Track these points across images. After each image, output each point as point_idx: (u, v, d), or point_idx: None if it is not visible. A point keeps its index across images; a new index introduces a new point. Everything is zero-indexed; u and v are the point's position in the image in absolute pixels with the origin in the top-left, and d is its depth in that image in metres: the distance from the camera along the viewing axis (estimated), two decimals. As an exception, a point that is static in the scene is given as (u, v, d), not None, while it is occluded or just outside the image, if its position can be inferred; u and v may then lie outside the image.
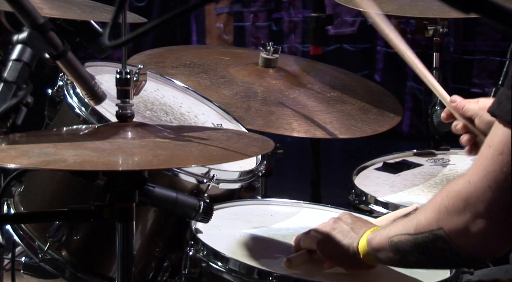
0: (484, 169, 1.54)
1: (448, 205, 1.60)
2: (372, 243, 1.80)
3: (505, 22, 0.98)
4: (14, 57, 1.70)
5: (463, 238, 1.60)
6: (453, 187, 1.61)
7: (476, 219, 1.56)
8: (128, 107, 1.78)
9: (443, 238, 1.62)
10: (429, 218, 1.65)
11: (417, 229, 1.67)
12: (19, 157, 1.56)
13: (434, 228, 1.63)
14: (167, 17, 1.20)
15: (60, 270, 2.13)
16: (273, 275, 1.81)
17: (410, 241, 1.69)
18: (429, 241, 1.65)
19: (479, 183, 1.55)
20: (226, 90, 2.74)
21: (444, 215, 1.61)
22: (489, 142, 1.55)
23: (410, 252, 1.71)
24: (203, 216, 1.95)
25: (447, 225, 1.61)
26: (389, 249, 1.75)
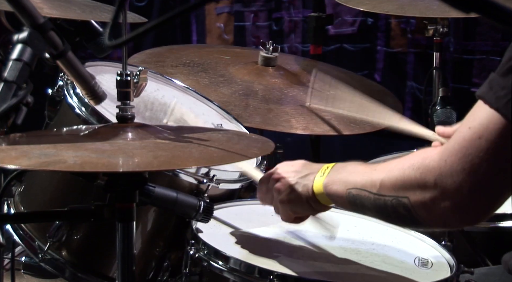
0: (460, 150, 1.55)
1: (418, 177, 1.61)
2: (328, 189, 1.82)
3: (505, 21, 0.98)
4: (14, 56, 1.70)
5: (426, 211, 1.62)
6: (427, 162, 1.60)
7: (444, 197, 1.58)
8: (128, 109, 1.78)
9: (406, 206, 1.64)
10: (395, 184, 1.66)
11: (380, 190, 1.68)
12: (19, 158, 1.56)
13: (399, 195, 1.65)
14: (167, 16, 1.20)
15: (60, 270, 2.13)
16: (274, 274, 1.82)
17: (370, 199, 1.71)
18: (391, 205, 1.67)
19: (454, 164, 1.55)
20: (224, 89, 2.74)
21: (412, 186, 1.62)
22: (469, 123, 1.55)
23: (368, 209, 1.73)
24: (203, 216, 1.95)
25: (413, 196, 1.62)
26: (345, 200, 1.77)
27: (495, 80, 1.54)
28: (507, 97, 1.49)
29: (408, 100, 4.87)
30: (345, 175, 1.80)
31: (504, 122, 1.50)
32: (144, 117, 2.35)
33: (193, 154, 1.68)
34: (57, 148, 1.64)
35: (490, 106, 1.52)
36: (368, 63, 4.90)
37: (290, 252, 1.99)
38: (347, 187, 1.76)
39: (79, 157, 1.58)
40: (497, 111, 1.51)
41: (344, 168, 1.83)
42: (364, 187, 1.72)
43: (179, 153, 1.67)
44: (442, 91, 3.14)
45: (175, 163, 1.68)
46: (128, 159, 1.61)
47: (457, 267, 1.95)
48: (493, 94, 1.52)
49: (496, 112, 1.51)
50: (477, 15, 1.00)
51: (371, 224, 2.22)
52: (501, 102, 1.50)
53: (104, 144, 1.67)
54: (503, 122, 1.50)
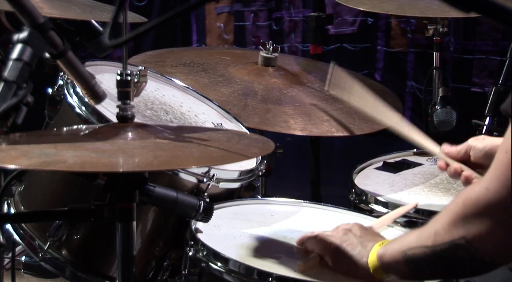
0: (502, 175, 1.52)
1: (467, 213, 1.57)
2: (383, 258, 1.76)
3: (505, 21, 0.98)
4: (15, 56, 1.70)
5: (486, 244, 1.58)
6: (469, 195, 1.58)
7: (499, 225, 1.54)
8: (128, 109, 1.78)
9: (465, 247, 1.59)
10: (447, 228, 1.61)
11: (435, 241, 1.63)
12: (19, 158, 1.56)
13: (455, 238, 1.60)
14: (167, 16, 1.20)
15: (60, 269, 2.13)
16: (273, 276, 1.81)
17: (427, 253, 1.65)
18: (450, 251, 1.62)
19: (499, 190, 1.52)
20: (224, 88, 2.74)
21: (465, 224, 1.58)
22: (506, 148, 1.52)
23: (427, 265, 1.67)
24: (203, 215, 1.95)
25: (469, 233, 1.58)
26: (403, 263, 1.71)
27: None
28: None
29: (408, 99, 4.87)
30: (399, 241, 1.75)
31: None
32: (145, 116, 2.35)
33: (193, 154, 1.68)
34: (57, 148, 1.64)
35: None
36: (368, 63, 4.91)
37: (289, 253, 1.99)
38: (402, 249, 1.71)
39: (79, 157, 1.58)
40: None
41: (399, 237, 1.80)
42: (419, 244, 1.67)
43: (179, 153, 1.67)
44: (442, 90, 3.14)
45: (175, 163, 1.68)
46: (128, 159, 1.61)
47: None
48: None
49: None
50: (477, 15, 1.00)
51: (371, 223, 2.22)
52: None
53: (104, 144, 1.67)
54: None
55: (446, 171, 2.11)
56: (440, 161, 2.10)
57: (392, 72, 4.90)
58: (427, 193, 2.42)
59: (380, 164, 2.64)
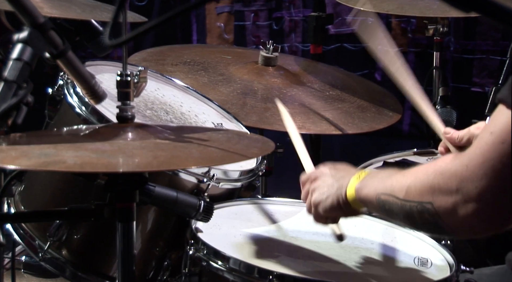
0: (483, 155, 1.54)
1: (441, 183, 1.61)
2: (360, 193, 1.82)
3: (505, 21, 0.98)
4: (15, 56, 1.70)
5: (450, 217, 1.61)
6: (449, 167, 1.60)
7: (467, 202, 1.57)
8: (128, 109, 1.78)
9: (431, 212, 1.64)
10: (420, 190, 1.66)
11: (406, 196, 1.68)
12: (19, 158, 1.56)
13: (424, 201, 1.64)
14: (167, 16, 1.20)
15: (60, 269, 2.13)
16: (273, 274, 1.82)
17: (398, 204, 1.71)
18: (416, 211, 1.67)
19: (477, 170, 1.54)
20: (223, 87, 2.74)
21: (436, 192, 1.62)
22: (491, 128, 1.54)
23: (396, 214, 1.73)
24: (203, 215, 1.95)
25: (437, 202, 1.62)
26: (375, 204, 1.77)
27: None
28: None
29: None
30: (377, 180, 1.80)
31: None
32: (145, 116, 2.35)
33: (193, 154, 1.68)
34: (57, 148, 1.64)
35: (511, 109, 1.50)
36: (369, 63, 4.90)
37: (289, 252, 1.99)
38: (377, 192, 1.76)
39: (79, 157, 1.58)
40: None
41: (378, 174, 1.84)
42: (392, 193, 1.72)
43: (179, 153, 1.67)
44: (442, 90, 3.14)
45: (175, 163, 1.68)
46: (128, 159, 1.61)
47: (456, 266, 1.95)
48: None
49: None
50: (477, 15, 1.00)
51: (371, 223, 2.22)
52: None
53: (104, 144, 1.67)
54: None
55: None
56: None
57: (392, 72, 4.89)
58: (427, 193, 2.41)
59: (380, 164, 2.64)
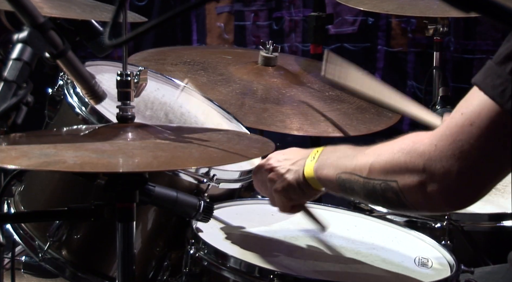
0: (451, 135, 1.56)
1: (408, 162, 1.62)
2: (319, 173, 1.83)
3: (505, 21, 0.98)
4: (15, 56, 1.70)
5: (414, 195, 1.63)
6: (417, 146, 1.61)
7: (431, 181, 1.59)
8: (128, 109, 1.78)
9: (395, 190, 1.65)
10: (385, 168, 1.67)
11: (369, 174, 1.70)
12: (19, 158, 1.56)
13: (388, 179, 1.66)
14: (167, 16, 1.20)
15: (60, 269, 2.13)
16: (274, 273, 1.82)
17: (360, 183, 1.72)
18: (380, 189, 1.68)
19: (444, 149, 1.56)
20: (222, 87, 2.74)
21: (401, 170, 1.63)
22: (462, 109, 1.56)
23: (357, 193, 1.74)
24: (203, 215, 1.95)
25: (402, 180, 1.63)
26: (336, 184, 1.78)
27: (491, 68, 1.55)
28: (502, 86, 1.50)
29: (409, 99, 4.86)
30: (335, 159, 1.81)
31: (498, 110, 1.51)
32: (145, 116, 2.35)
33: (193, 154, 1.68)
34: (57, 148, 1.64)
35: (485, 93, 1.52)
36: (369, 63, 4.90)
37: (290, 252, 1.99)
38: (337, 172, 1.78)
39: (79, 157, 1.58)
40: (492, 99, 1.52)
41: (334, 151, 1.85)
42: (354, 171, 1.74)
43: (179, 153, 1.67)
44: (442, 90, 3.14)
45: (175, 163, 1.68)
46: (128, 159, 1.61)
47: (457, 266, 1.95)
48: (489, 82, 1.52)
49: (490, 100, 1.52)
50: (477, 15, 1.00)
51: (371, 223, 2.22)
52: (496, 91, 1.51)
53: (104, 144, 1.67)
54: (497, 110, 1.51)
55: None
56: None
57: (393, 72, 4.90)
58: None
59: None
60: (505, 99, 1.50)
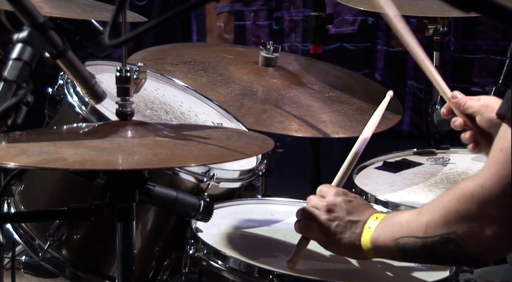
0: (497, 173, 1.53)
1: (460, 209, 1.59)
2: (376, 243, 1.78)
3: (505, 21, 0.98)
4: (15, 56, 1.70)
5: (476, 241, 1.60)
6: (464, 191, 1.59)
7: (490, 223, 1.56)
8: (128, 105, 1.78)
9: (455, 241, 1.62)
10: (439, 222, 1.63)
11: (426, 233, 1.66)
12: (19, 156, 1.56)
13: (445, 232, 1.62)
14: (167, 16, 1.20)
15: (60, 269, 2.13)
16: (274, 274, 1.81)
17: (418, 243, 1.68)
18: (439, 244, 1.64)
19: (494, 188, 1.53)
20: (221, 88, 2.73)
21: (457, 219, 1.60)
22: (500, 146, 1.54)
23: (418, 254, 1.70)
24: (203, 215, 1.95)
25: (460, 229, 1.60)
26: (394, 250, 1.74)
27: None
28: None
29: (408, 99, 4.87)
30: (391, 226, 1.77)
31: None
32: (145, 116, 2.35)
33: (193, 152, 1.68)
34: (56, 146, 1.64)
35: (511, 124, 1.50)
36: (369, 62, 4.90)
37: (289, 252, 1.99)
38: (394, 238, 1.73)
39: (79, 155, 1.58)
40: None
41: (391, 218, 1.80)
42: (411, 234, 1.69)
43: (179, 151, 1.67)
44: (442, 90, 3.13)
45: (174, 161, 1.68)
46: (128, 157, 1.61)
47: (456, 266, 1.95)
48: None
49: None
50: (477, 15, 1.00)
51: None
52: None
53: (103, 142, 1.67)
54: None
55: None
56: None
57: (393, 72, 4.90)
58: (427, 193, 2.42)
59: (380, 163, 2.64)
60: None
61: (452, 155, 2.72)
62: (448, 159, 2.70)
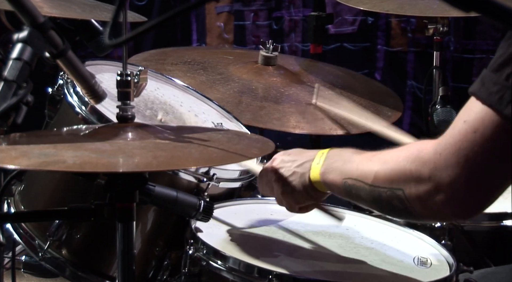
0: (455, 144, 1.55)
1: (412, 170, 1.61)
2: (325, 178, 1.83)
3: (505, 20, 0.98)
4: (15, 56, 1.70)
5: (420, 204, 1.63)
6: (421, 154, 1.61)
7: (438, 190, 1.58)
8: (128, 109, 1.78)
9: (401, 198, 1.65)
10: (390, 176, 1.66)
11: (374, 181, 1.69)
12: (19, 158, 1.56)
13: (394, 187, 1.65)
14: (167, 16, 1.20)
15: (60, 268, 2.13)
16: (273, 274, 1.82)
17: (365, 189, 1.72)
18: (386, 197, 1.68)
19: (449, 157, 1.56)
20: (220, 86, 2.74)
21: (407, 179, 1.63)
22: (464, 117, 1.56)
23: (363, 199, 1.74)
24: (203, 215, 1.95)
25: (408, 189, 1.63)
26: (342, 189, 1.79)
27: (487, 76, 1.55)
28: (499, 93, 1.50)
29: (408, 99, 4.87)
30: (341, 164, 1.81)
31: (498, 117, 1.51)
32: (144, 116, 2.35)
33: (193, 154, 1.68)
34: (57, 148, 1.64)
35: (483, 102, 1.52)
36: (368, 62, 4.90)
37: (289, 252, 1.99)
38: (343, 177, 1.78)
39: (79, 157, 1.58)
40: (490, 107, 1.51)
41: (340, 155, 1.84)
42: (359, 178, 1.73)
43: (179, 153, 1.67)
44: (442, 90, 3.14)
45: (174, 163, 1.68)
46: (128, 159, 1.61)
47: (456, 266, 1.95)
48: (486, 90, 1.53)
49: (489, 108, 1.51)
50: (477, 14, 1.00)
51: (371, 223, 2.22)
52: (493, 98, 1.51)
53: (104, 144, 1.67)
54: (497, 117, 1.51)
55: None
56: None
57: (392, 72, 4.90)
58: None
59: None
60: (503, 106, 1.50)
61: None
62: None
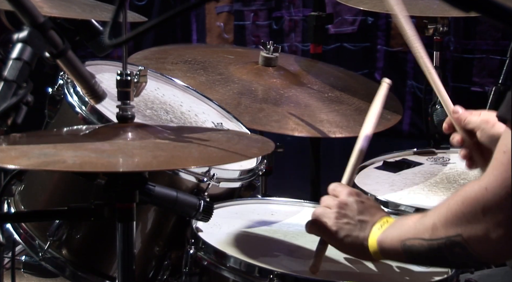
0: (500, 175, 1.52)
1: (466, 212, 1.58)
2: (383, 245, 1.78)
3: (505, 20, 0.98)
4: (15, 56, 1.70)
5: (482, 244, 1.59)
6: (468, 194, 1.58)
7: (496, 226, 1.55)
8: (128, 109, 1.78)
9: (461, 244, 1.61)
10: (445, 224, 1.63)
11: (432, 235, 1.65)
12: (19, 158, 1.56)
13: (452, 235, 1.61)
14: (167, 16, 1.20)
15: (60, 268, 2.13)
16: (274, 273, 1.82)
17: (424, 246, 1.68)
18: (445, 247, 1.63)
19: (498, 190, 1.53)
20: (220, 87, 2.73)
21: (462, 222, 1.59)
22: (503, 148, 1.53)
23: (424, 256, 1.70)
24: (203, 215, 1.95)
25: (466, 232, 1.59)
26: (401, 252, 1.73)
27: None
28: None
29: (408, 99, 4.87)
30: (398, 228, 1.77)
31: None
32: (145, 116, 2.35)
33: (193, 154, 1.68)
34: (56, 148, 1.64)
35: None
36: (368, 62, 4.90)
37: (290, 252, 1.99)
38: (401, 239, 1.73)
39: (79, 157, 1.58)
40: None
41: (398, 221, 1.81)
42: (417, 236, 1.69)
43: (179, 153, 1.67)
44: (442, 90, 3.13)
45: (174, 163, 1.68)
46: (128, 159, 1.61)
47: (460, 268, 1.95)
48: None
49: None
50: (477, 14, 1.00)
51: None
52: None
53: (104, 144, 1.67)
54: None
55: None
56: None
57: (392, 72, 4.90)
58: (427, 193, 2.42)
59: (380, 163, 2.64)
60: None
61: (452, 155, 2.72)
62: (448, 159, 2.70)
